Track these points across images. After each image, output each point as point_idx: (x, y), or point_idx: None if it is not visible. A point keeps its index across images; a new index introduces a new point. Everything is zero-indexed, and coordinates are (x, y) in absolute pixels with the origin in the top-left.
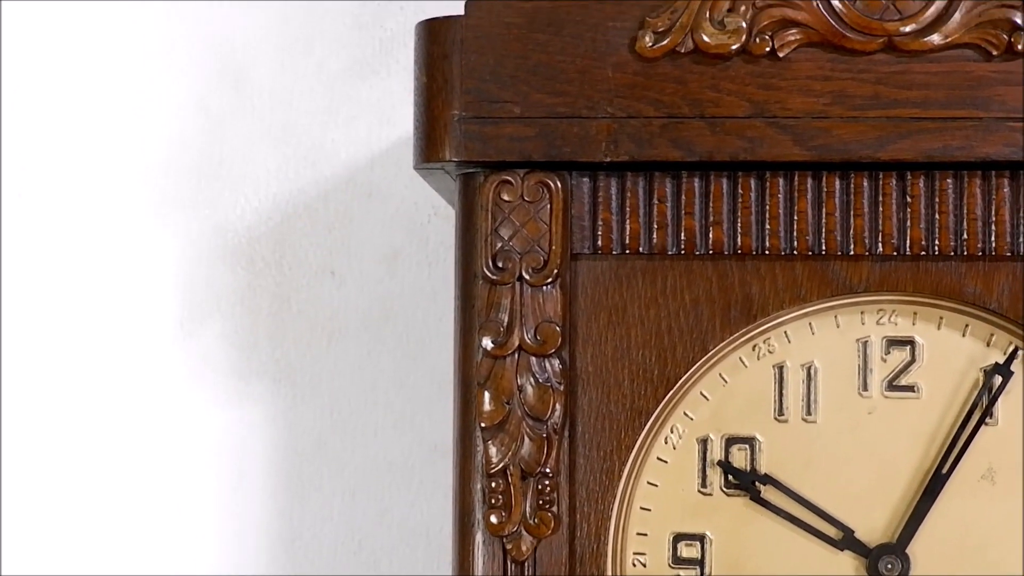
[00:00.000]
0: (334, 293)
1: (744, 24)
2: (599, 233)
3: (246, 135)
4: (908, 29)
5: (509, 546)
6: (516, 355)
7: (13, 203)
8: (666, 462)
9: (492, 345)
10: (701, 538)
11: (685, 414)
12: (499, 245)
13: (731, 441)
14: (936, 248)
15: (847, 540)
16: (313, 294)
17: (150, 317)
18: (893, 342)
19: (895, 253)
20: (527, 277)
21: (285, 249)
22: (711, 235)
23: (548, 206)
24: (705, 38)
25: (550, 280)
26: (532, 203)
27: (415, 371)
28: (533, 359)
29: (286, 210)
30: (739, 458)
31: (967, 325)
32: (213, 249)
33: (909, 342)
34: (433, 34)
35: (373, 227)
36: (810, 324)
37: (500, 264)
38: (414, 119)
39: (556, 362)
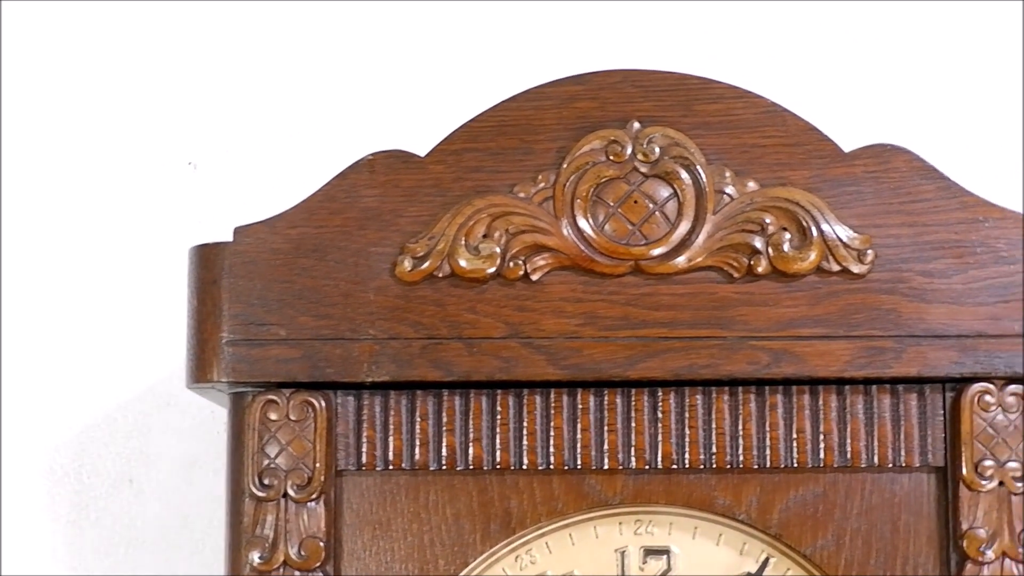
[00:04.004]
0: (132, 501)
1: (498, 249)
2: (363, 450)
3: (46, 339)
4: (654, 253)
5: None
6: (281, 570)
7: None
8: None
9: (259, 561)
10: None
11: None
12: (265, 463)
13: None
14: (686, 461)
15: None
16: (111, 502)
17: None
18: (650, 552)
19: (647, 467)
20: (292, 494)
21: (84, 458)
22: (471, 451)
23: (313, 425)
24: (461, 263)
25: (315, 496)
26: (297, 422)
27: None
28: (298, 574)
29: (85, 419)
30: None
31: (720, 535)
32: (13, 457)
33: (665, 552)
34: (203, 259)
35: (171, 436)
36: (570, 535)
37: (266, 481)
38: (186, 341)
39: None
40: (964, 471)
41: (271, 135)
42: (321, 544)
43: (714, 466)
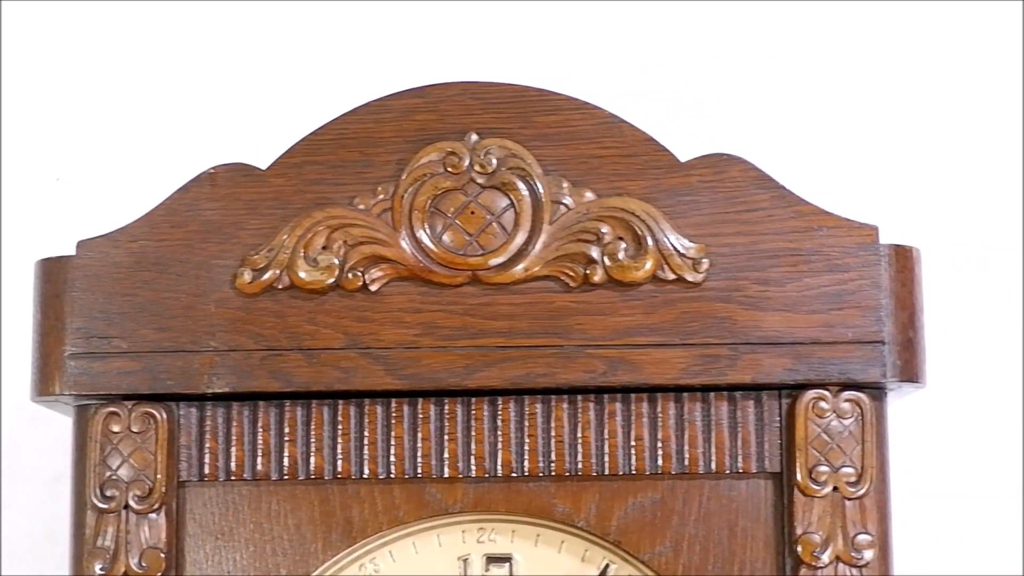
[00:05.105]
0: None
1: (337, 261)
2: (205, 461)
3: None
4: (492, 263)
5: None
6: None
7: None
8: None
9: (100, 572)
10: None
11: None
12: (107, 474)
13: None
14: (526, 469)
15: None
16: None
17: None
18: (492, 559)
19: (487, 475)
20: (134, 505)
21: None
22: (312, 461)
23: (154, 436)
24: (300, 274)
25: (156, 507)
26: (139, 434)
27: None
28: None
29: None
30: None
31: (563, 542)
32: None
33: (507, 559)
34: (47, 273)
35: (37, 451)
36: (413, 543)
37: (108, 493)
38: (31, 355)
39: None
40: (798, 477)
41: (121, 148)
42: (162, 555)
43: (553, 474)
